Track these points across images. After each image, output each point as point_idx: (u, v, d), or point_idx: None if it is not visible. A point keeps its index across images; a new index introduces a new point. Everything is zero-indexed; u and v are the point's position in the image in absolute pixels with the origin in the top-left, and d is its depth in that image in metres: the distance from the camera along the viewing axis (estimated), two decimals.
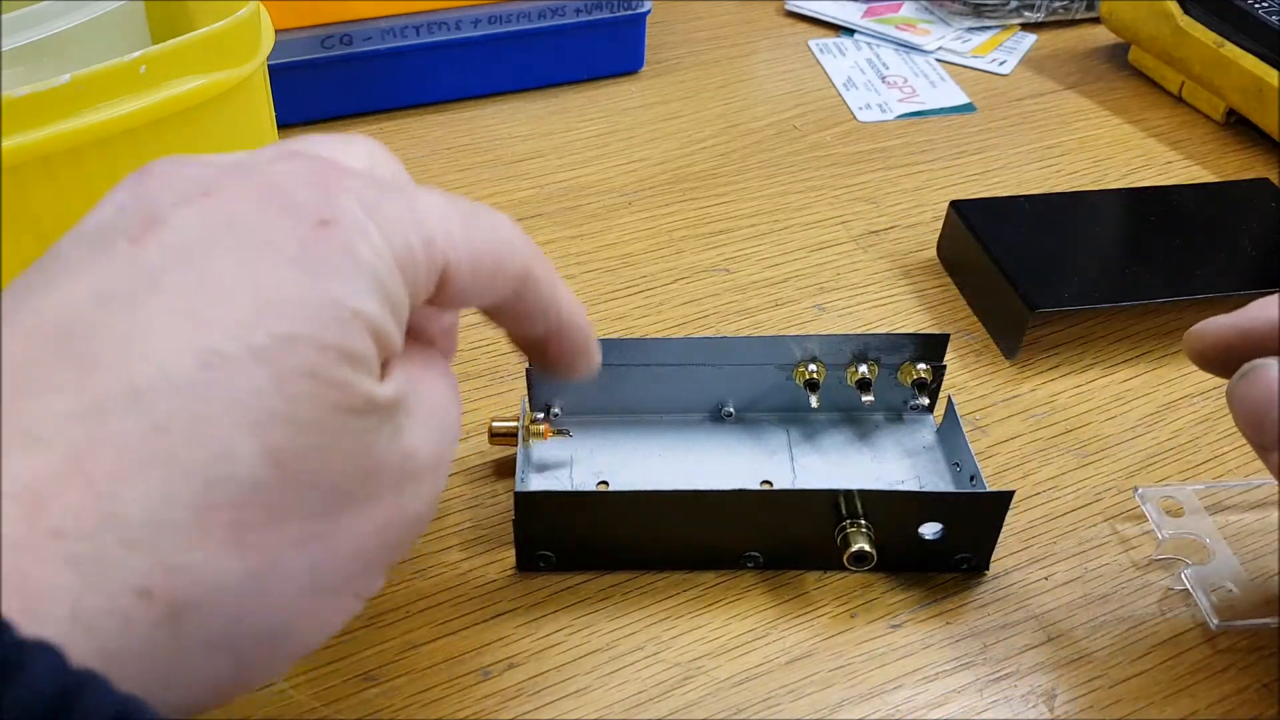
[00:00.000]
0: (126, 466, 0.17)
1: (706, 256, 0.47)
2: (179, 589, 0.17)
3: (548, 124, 0.56)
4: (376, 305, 0.19)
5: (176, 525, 0.17)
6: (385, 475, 0.20)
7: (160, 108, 0.39)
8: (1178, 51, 0.58)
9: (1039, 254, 0.42)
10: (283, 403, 0.18)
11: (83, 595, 0.16)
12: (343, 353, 0.19)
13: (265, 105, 0.47)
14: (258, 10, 0.43)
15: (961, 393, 0.40)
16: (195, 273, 0.18)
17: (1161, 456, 0.37)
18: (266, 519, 0.18)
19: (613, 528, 0.31)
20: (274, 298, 0.18)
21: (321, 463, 0.19)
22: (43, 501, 0.16)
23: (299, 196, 0.20)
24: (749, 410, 0.37)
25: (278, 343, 0.18)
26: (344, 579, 0.20)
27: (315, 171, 0.20)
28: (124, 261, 0.19)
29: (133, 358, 0.17)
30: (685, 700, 0.29)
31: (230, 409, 0.17)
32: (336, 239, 0.19)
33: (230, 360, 0.18)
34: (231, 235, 0.19)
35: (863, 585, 0.32)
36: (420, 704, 0.29)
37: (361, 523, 0.20)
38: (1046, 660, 0.30)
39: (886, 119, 0.58)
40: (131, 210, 0.20)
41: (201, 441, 0.17)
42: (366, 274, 0.19)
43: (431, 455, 0.22)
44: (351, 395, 0.19)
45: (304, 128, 0.54)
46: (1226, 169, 0.54)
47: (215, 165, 0.21)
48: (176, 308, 0.18)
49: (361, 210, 0.20)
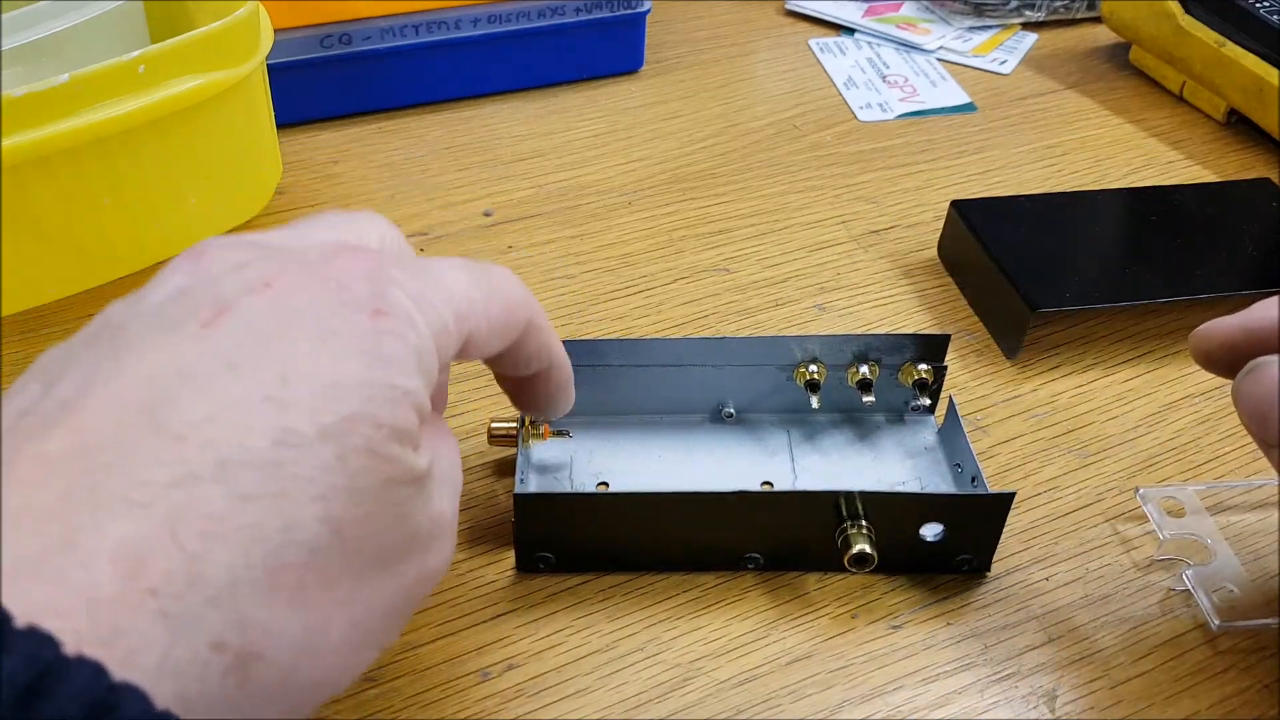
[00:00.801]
0: (214, 531, 0.18)
1: (706, 256, 0.46)
2: (249, 642, 0.19)
3: (547, 123, 0.56)
4: (420, 383, 0.22)
5: (252, 585, 0.19)
6: (418, 538, 0.22)
7: (159, 107, 0.39)
8: (1179, 51, 0.58)
9: (1040, 254, 0.42)
10: (344, 477, 0.20)
11: (171, 647, 0.18)
12: (394, 430, 0.21)
13: (264, 105, 0.47)
14: (257, 10, 0.43)
15: (962, 393, 0.39)
16: (267, 357, 0.20)
17: (1163, 457, 0.37)
18: (322, 580, 0.20)
19: (612, 529, 0.31)
20: (339, 382, 0.20)
21: (370, 530, 0.21)
22: (140, 562, 0.18)
23: (355, 290, 0.22)
24: (749, 411, 0.37)
25: (343, 423, 0.20)
26: (375, 633, 0.22)
27: (366, 265, 0.22)
28: (198, 343, 0.20)
29: (218, 434, 0.19)
30: (685, 701, 0.29)
31: (300, 482, 0.19)
32: (390, 328, 0.21)
33: (303, 438, 0.19)
34: (297, 324, 0.21)
35: (863, 586, 0.32)
36: (420, 705, 0.29)
37: (395, 582, 0.22)
38: (1048, 661, 0.30)
39: (887, 118, 0.58)
40: (195, 294, 0.21)
41: (277, 510, 0.19)
42: (414, 355, 0.22)
43: (450, 514, 0.24)
44: (398, 468, 0.21)
45: (303, 127, 0.54)
46: (1227, 169, 0.54)
47: (269, 253, 0.23)
48: (254, 388, 0.20)
49: (407, 298, 0.22)
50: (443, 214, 0.49)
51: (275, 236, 0.24)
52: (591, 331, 0.42)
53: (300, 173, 0.51)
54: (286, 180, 0.50)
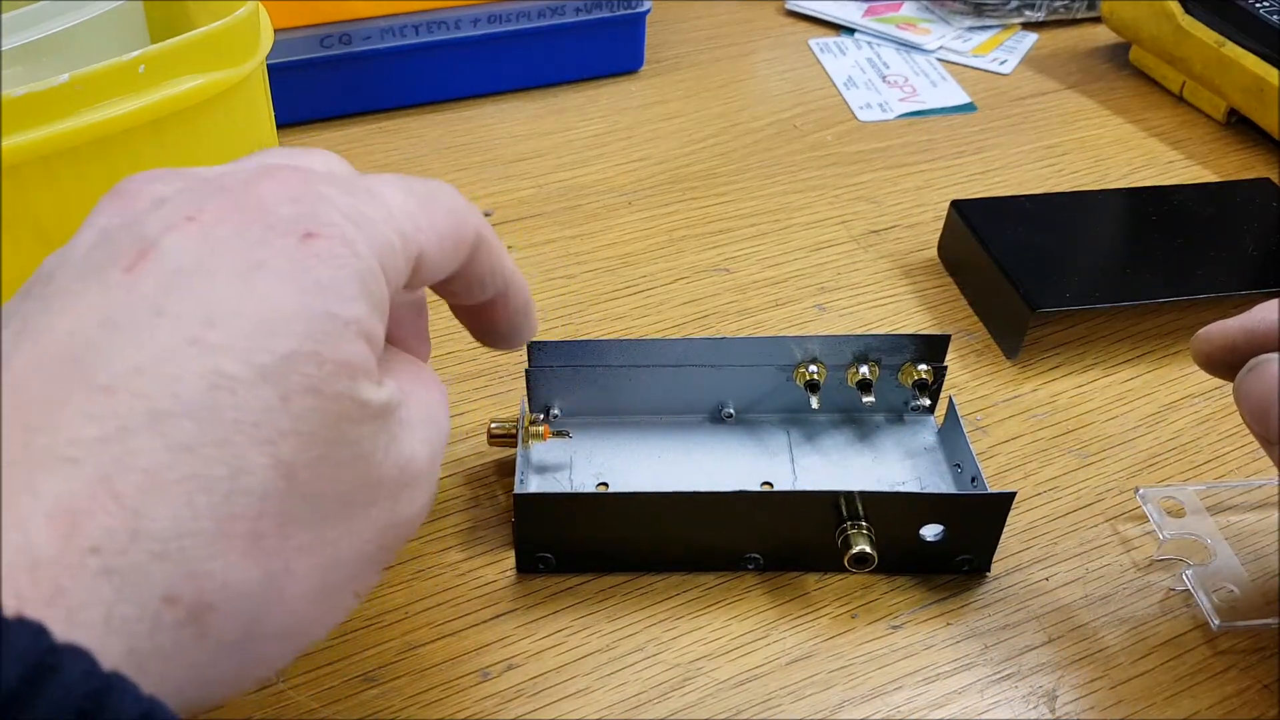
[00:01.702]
0: (153, 484, 0.18)
1: (706, 256, 0.46)
2: (202, 594, 0.18)
3: (547, 123, 0.56)
4: (367, 309, 0.20)
5: (199, 536, 0.18)
6: (384, 482, 0.21)
7: (159, 107, 0.39)
8: (1179, 51, 0.58)
9: (1040, 254, 0.42)
10: (289, 419, 0.19)
11: (116, 604, 0.17)
12: (340, 364, 0.20)
13: (264, 105, 0.46)
14: (256, 9, 0.43)
15: (962, 393, 0.39)
16: (193, 297, 0.19)
17: (1163, 457, 0.37)
18: (279, 527, 0.19)
19: (612, 529, 0.31)
20: (272, 316, 0.19)
21: (327, 472, 0.20)
22: (78, 520, 0.17)
23: (281, 211, 0.20)
24: (749, 411, 0.37)
25: (280, 361, 0.19)
26: (347, 580, 0.21)
27: (293, 185, 0.21)
28: (121, 288, 0.19)
29: (148, 383, 0.18)
30: (685, 701, 0.29)
31: (242, 427, 0.18)
32: (323, 250, 0.20)
33: (238, 381, 0.18)
34: (222, 257, 0.20)
35: (863, 586, 0.32)
36: (420, 705, 0.29)
37: (363, 528, 0.21)
38: (1048, 661, 0.30)
39: (887, 118, 0.58)
40: (118, 236, 0.20)
41: (219, 459, 0.18)
42: (354, 280, 0.20)
43: (425, 461, 0.23)
44: (351, 404, 0.20)
45: (304, 127, 0.54)
46: (1227, 169, 0.54)
47: (192, 183, 0.22)
48: (181, 333, 0.19)
49: (341, 217, 0.20)
50: None
51: (206, 169, 0.23)
52: (591, 331, 0.42)
53: None
54: None
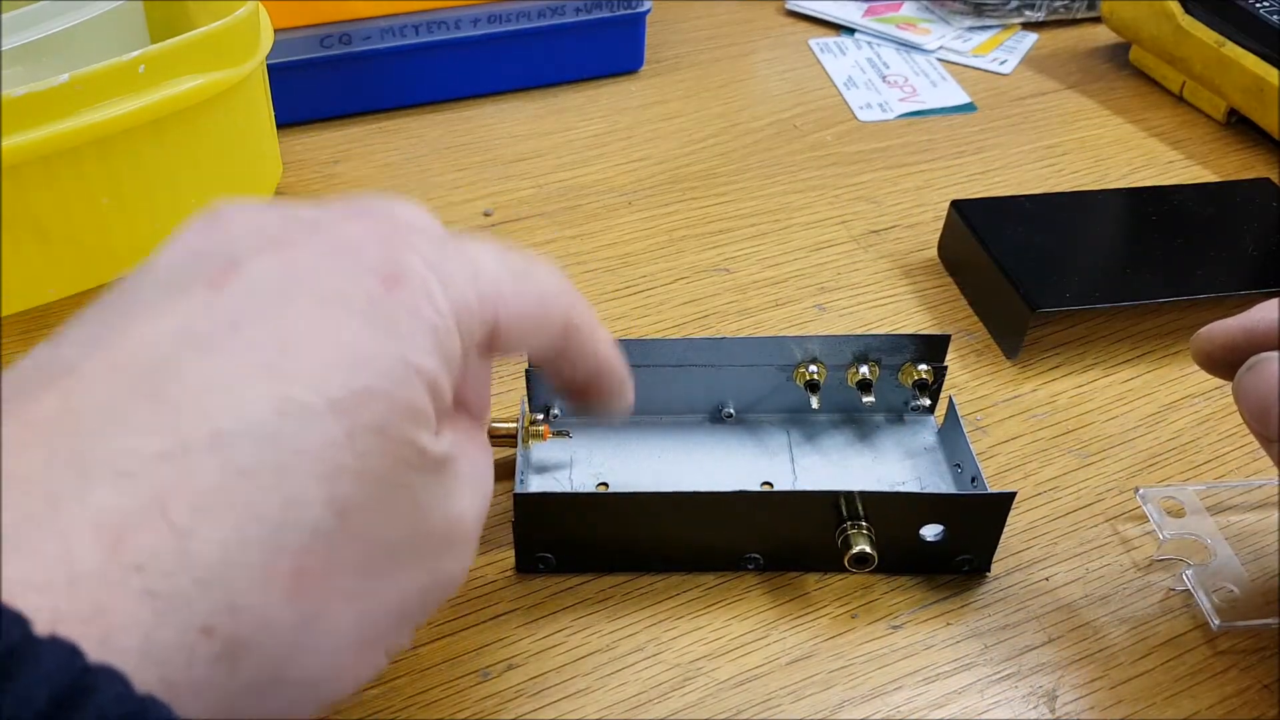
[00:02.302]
0: (206, 506, 0.17)
1: (706, 256, 0.46)
2: (239, 629, 0.17)
3: (547, 123, 0.56)
4: (437, 362, 0.20)
5: (245, 568, 0.17)
6: (433, 537, 0.21)
7: (159, 107, 0.39)
8: (1179, 51, 0.58)
9: (1040, 254, 0.42)
10: (352, 455, 0.18)
11: (155, 629, 0.16)
12: (409, 409, 0.19)
13: (264, 105, 0.47)
14: (256, 10, 0.43)
15: (962, 393, 0.39)
16: (273, 321, 0.19)
17: (1163, 457, 0.37)
18: (323, 569, 0.18)
19: (612, 529, 0.31)
20: (347, 351, 0.19)
21: (380, 518, 0.19)
22: (125, 535, 0.16)
23: (369, 253, 0.20)
24: (749, 411, 0.37)
25: (352, 396, 0.19)
26: (381, 634, 0.21)
27: (383, 229, 0.21)
28: (203, 305, 0.19)
29: (215, 402, 0.18)
30: (685, 701, 0.29)
31: (303, 458, 0.18)
32: (404, 297, 0.20)
33: (307, 411, 0.18)
34: (306, 287, 0.19)
35: (863, 586, 0.32)
36: (420, 705, 0.29)
37: (406, 581, 0.21)
38: (1048, 661, 0.30)
39: (887, 118, 0.58)
40: (206, 255, 0.20)
41: (276, 487, 0.18)
42: (430, 331, 0.20)
43: (472, 521, 0.23)
44: (412, 451, 0.20)
45: (304, 127, 0.54)
46: (1228, 169, 0.54)
47: (285, 216, 0.22)
48: (256, 355, 0.18)
49: (426, 268, 0.21)
50: (443, 214, 0.49)
51: (297, 206, 0.23)
52: None
53: (300, 172, 0.51)
54: (286, 180, 0.50)
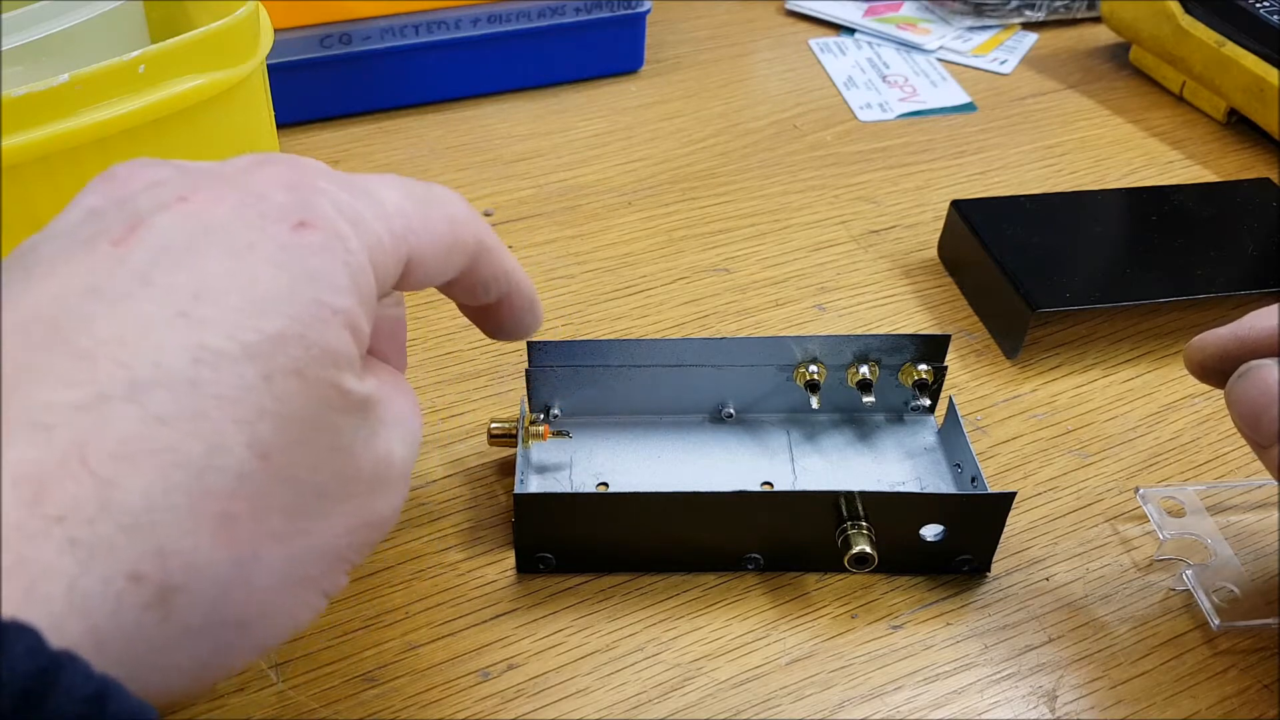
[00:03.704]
0: (127, 455, 0.17)
1: (706, 256, 0.46)
2: (169, 573, 0.18)
3: (547, 123, 0.56)
4: (354, 302, 0.20)
5: (171, 512, 0.17)
6: (360, 477, 0.21)
7: (159, 107, 0.39)
8: (1179, 51, 0.58)
9: (1040, 254, 0.42)
10: (271, 399, 0.19)
11: (79, 577, 0.16)
12: (326, 350, 0.20)
13: (264, 105, 0.46)
14: (256, 9, 0.43)
15: (962, 393, 0.39)
16: (183, 272, 0.19)
17: (1163, 457, 0.37)
18: (251, 511, 0.19)
19: (612, 529, 0.31)
20: (260, 296, 0.19)
21: (305, 459, 0.20)
22: (46, 487, 0.16)
23: (276, 199, 0.20)
24: (749, 411, 0.37)
25: (267, 340, 0.19)
26: (316, 575, 0.21)
27: (289, 175, 0.21)
28: (110, 260, 0.19)
29: (130, 352, 0.18)
30: (685, 701, 0.29)
31: (222, 403, 0.18)
32: (315, 240, 0.20)
33: (222, 356, 0.18)
34: (214, 238, 0.20)
35: (863, 586, 0.32)
36: (420, 705, 0.29)
37: (336, 522, 0.21)
38: (1048, 661, 0.30)
39: (887, 118, 0.58)
40: (108, 213, 0.20)
41: (197, 433, 0.18)
42: (344, 272, 0.20)
43: (400, 462, 0.23)
44: (335, 393, 0.20)
45: (304, 127, 0.54)
46: (1228, 168, 0.54)
47: (185, 170, 0.22)
48: (168, 305, 0.19)
49: (334, 209, 0.21)
50: None
51: (197, 162, 0.23)
52: (591, 331, 0.42)
53: None
54: None
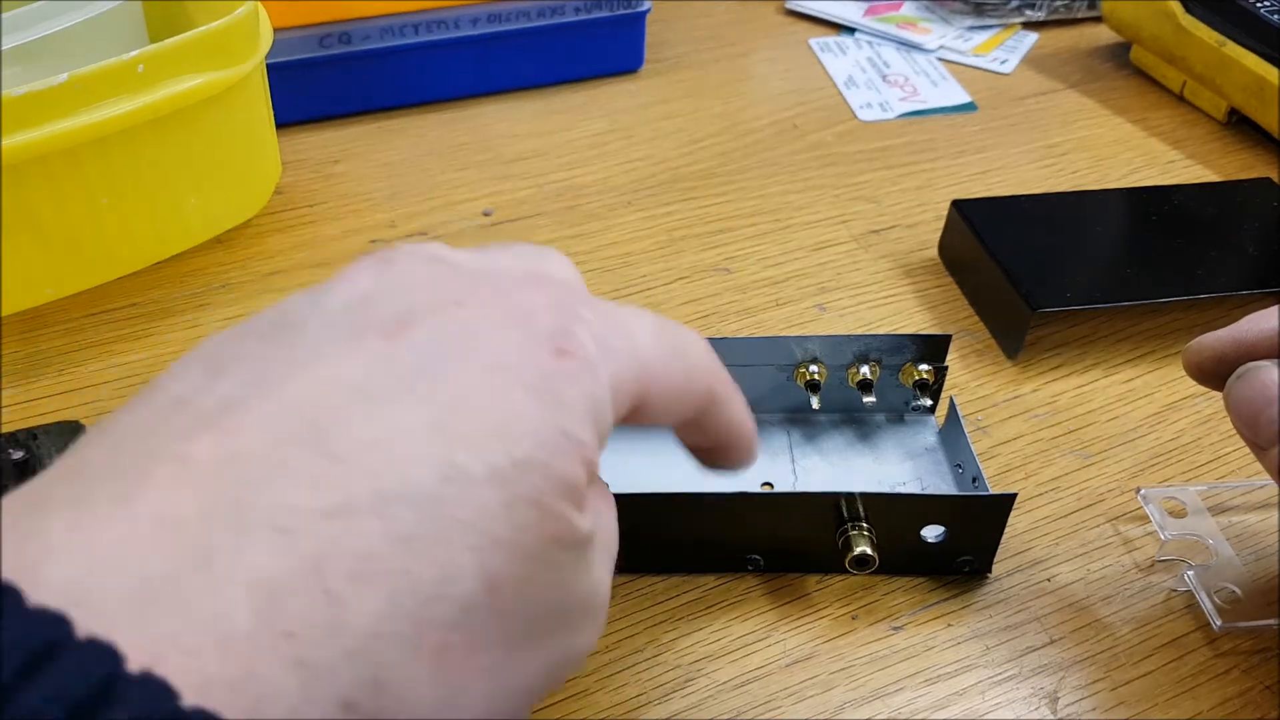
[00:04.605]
0: (363, 573, 0.16)
1: (706, 256, 0.46)
2: (381, 706, 0.16)
3: (547, 123, 0.56)
4: (592, 436, 0.20)
5: (395, 640, 0.16)
6: (571, 611, 0.20)
7: (158, 107, 0.39)
8: (1179, 50, 0.58)
9: (1041, 254, 0.42)
10: (508, 528, 0.18)
11: (301, 701, 0.15)
12: (564, 483, 0.19)
13: (264, 104, 0.46)
14: (256, 9, 0.43)
15: (963, 393, 0.39)
16: (444, 382, 0.18)
17: (1164, 457, 0.37)
18: (468, 646, 0.18)
19: None
20: (513, 419, 0.18)
21: (526, 593, 0.18)
22: (279, 599, 0.16)
23: (541, 322, 0.20)
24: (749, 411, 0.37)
25: (514, 465, 0.18)
26: (508, 711, 0.20)
27: (557, 299, 0.21)
28: (375, 356, 0.18)
29: (381, 460, 0.17)
30: (686, 703, 0.29)
31: (462, 527, 0.17)
32: (572, 372, 0.20)
33: (470, 478, 0.17)
34: (479, 351, 0.19)
35: (864, 587, 0.32)
36: None
37: (541, 657, 0.20)
38: (1049, 662, 0.30)
39: (888, 118, 0.58)
40: (379, 302, 0.20)
41: (434, 557, 0.17)
42: (591, 405, 0.20)
43: (606, 588, 0.22)
44: (564, 527, 0.19)
45: (303, 126, 0.54)
46: (1228, 168, 0.54)
47: (459, 269, 0.21)
48: (425, 415, 0.18)
49: (593, 342, 0.20)
50: (442, 213, 0.49)
51: (466, 256, 0.22)
52: None
53: (300, 172, 0.51)
54: (286, 180, 0.50)
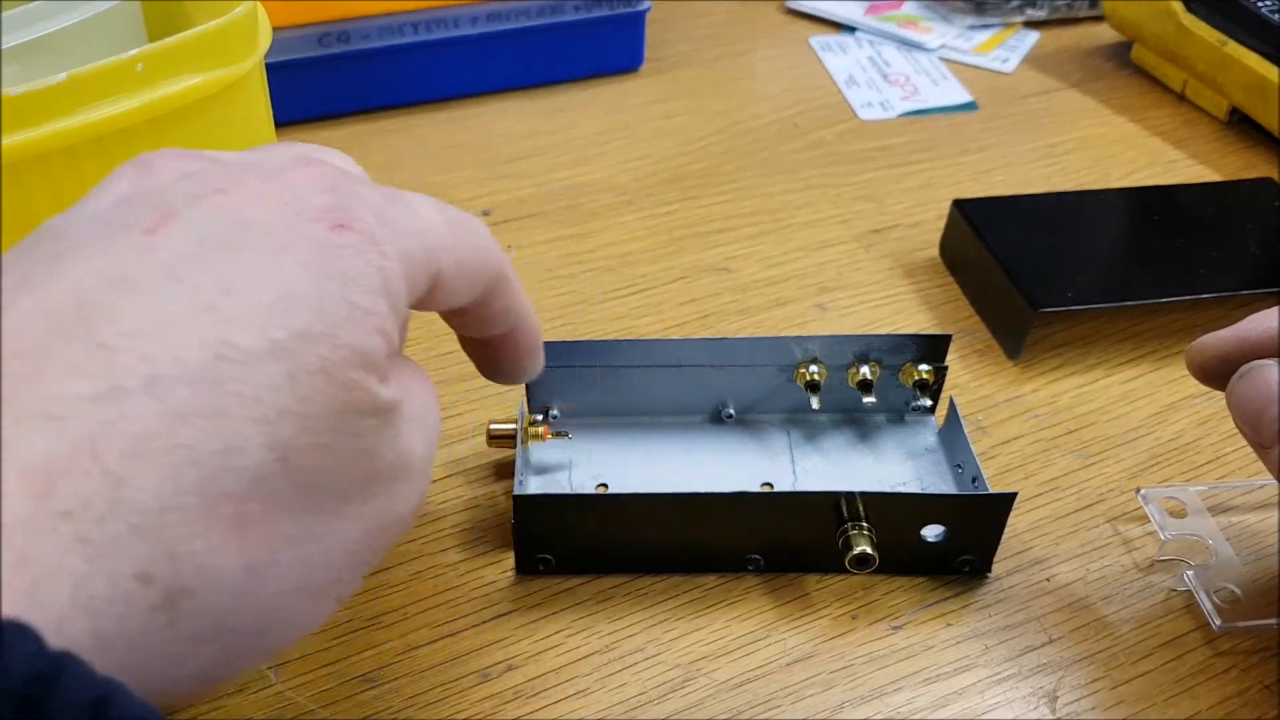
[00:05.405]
0: (140, 451, 0.17)
1: (706, 256, 0.46)
2: (179, 576, 0.17)
3: (547, 122, 0.56)
4: (386, 308, 0.20)
5: (183, 512, 0.17)
6: (380, 478, 0.21)
7: (157, 106, 0.39)
8: (1181, 50, 0.58)
9: (1042, 253, 0.42)
10: (294, 399, 0.18)
11: (86, 578, 0.16)
12: (355, 353, 0.19)
13: (263, 103, 0.46)
14: (255, 8, 0.43)
15: (963, 393, 0.39)
16: (213, 267, 0.19)
17: (1164, 457, 0.37)
18: (267, 514, 0.18)
19: (612, 530, 0.31)
20: (291, 296, 0.19)
21: (325, 461, 0.19)
22: (54, 482, 0.16)
23: (316, 200, 0.20)
24: (749, 412, 0.37)
25: (294, 339, 0.18)
26: (330, 580, 0.20)
27: (329, 178, 0.21)
28: (140, 249, 0.19)
29: (152, 345, 0.17)
30: (686, 702, 0.29)
31: (242, 402, 0.18)
32: (351, 242, 0.20)
33: (246, 354, 0.18)
34: (248, 234, 0.19)
35: (864, 587, 0.32)
36: (419, 706, 0.29)
37: (355, 524, 0.20)
38: (1048, 662, 0.30)
39: (888, 117, 0.57)
40: (140, 201, 0.20)
41: (214, 432, 0.17)
42: (378, 277, 0.20)
43: (421, 457, 0.22)
44: (361, 396, 0.19)
45: (302, 126, 0.54)
46: (1230, 168, 0.54)
47: (221, 162, 0.21)
48: (195, 299, 0.18)
49: (373, 216, 0.20)
50: None
51: (231, 153, 0.23)
52: (591, 331, 0.42)
53: None
54: None
